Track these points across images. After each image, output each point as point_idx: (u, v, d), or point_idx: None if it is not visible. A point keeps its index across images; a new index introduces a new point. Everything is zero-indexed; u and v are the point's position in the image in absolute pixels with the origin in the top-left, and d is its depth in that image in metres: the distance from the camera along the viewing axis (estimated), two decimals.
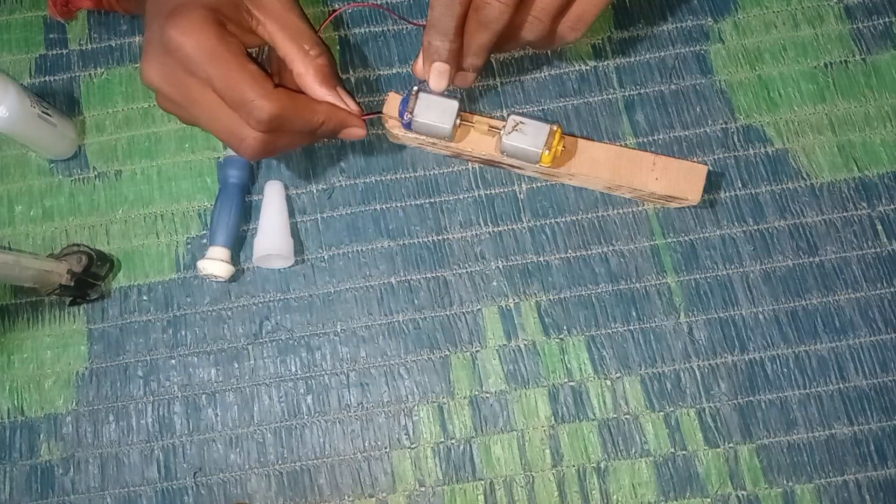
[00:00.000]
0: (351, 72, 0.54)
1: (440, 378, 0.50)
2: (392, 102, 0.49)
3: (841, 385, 0.48)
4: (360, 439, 0.49)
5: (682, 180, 0.48)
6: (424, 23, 0.44)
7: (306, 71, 0.43)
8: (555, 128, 0.47)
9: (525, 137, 0.47)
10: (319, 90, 0.43)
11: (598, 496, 0.47)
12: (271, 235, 0.50)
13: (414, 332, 0.50)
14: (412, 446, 0.49)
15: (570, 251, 0.51)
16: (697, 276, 0.50)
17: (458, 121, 0.48)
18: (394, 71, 0.54)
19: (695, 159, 0.51)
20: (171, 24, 0.39)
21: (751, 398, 0.48)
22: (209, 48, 0.39)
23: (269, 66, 0.45)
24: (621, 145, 0.49)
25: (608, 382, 0.49)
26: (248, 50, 0.42)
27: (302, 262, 0.51)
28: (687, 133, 0.52)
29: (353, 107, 0.45)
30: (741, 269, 0.50)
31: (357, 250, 0.52)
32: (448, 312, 0.50)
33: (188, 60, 0.39)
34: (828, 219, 0.51)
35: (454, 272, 0.51)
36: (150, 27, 0.41)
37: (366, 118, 0.46)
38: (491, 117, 0.50)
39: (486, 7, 0.42)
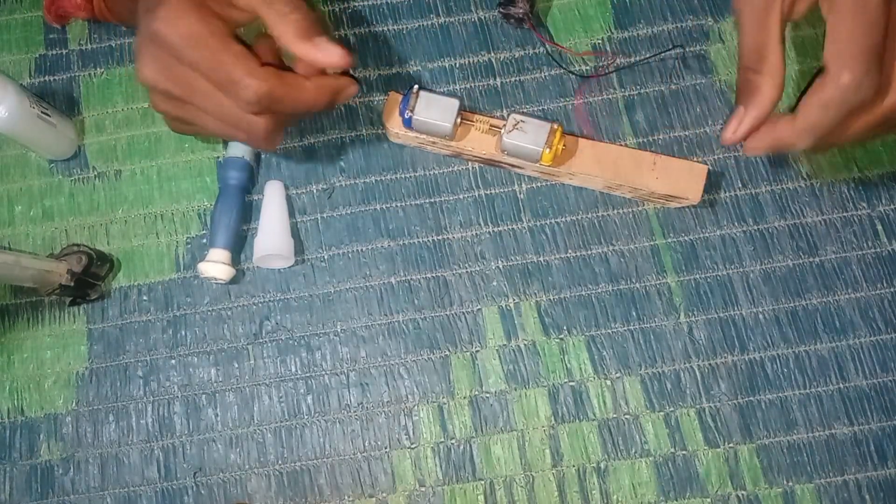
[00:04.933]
0: (351, 71, 0.54)
1: (440, 378, 0.50)
2: (392, 101, 0.49)
3: (841, 385, 0.48)
4: (360, 439, 0.49)
5: (683, 180, 0.48)
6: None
7: (284, 31, 0.41)
8: (555, 126, 0.47)
9: (526, 136, 0.47)
10: (297, 46, 0.41)
11: (598, 496, 0.47)
12: (271, 235, 0.50)
13: (414, 332, 0.50)
14: (412, 446, 0.49)
15: (570, 251, 0.51)
16: (697, 276, 0.50)
17: (458, 119, 0.48)
18: (394, 71, 0.54)
19: (695, 159, 0.51)
20: (153, 16, 0.39)
21: (751, 398, 0.48)
22: (191, 32, 0.39)
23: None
24: (621, 145, 0.49)
25: (608, 382, 0.49)
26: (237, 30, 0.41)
27: (302, 262, 0.51)
28: (687, 133, 0.52)
29: (334, 53, 0.42)
30: (741, 269, 0.50)
31: (357, 250, 0.52)
32: (448, 312, 0.50)
33: (174, 48, 0.39)
34: (828, 219, 0.51)
35: (454, 272, 0.51)
36: (139, 27, 0.41)
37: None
38: (491, 117, 0.50)
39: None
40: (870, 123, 0.41)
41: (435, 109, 0.47)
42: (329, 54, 0.42)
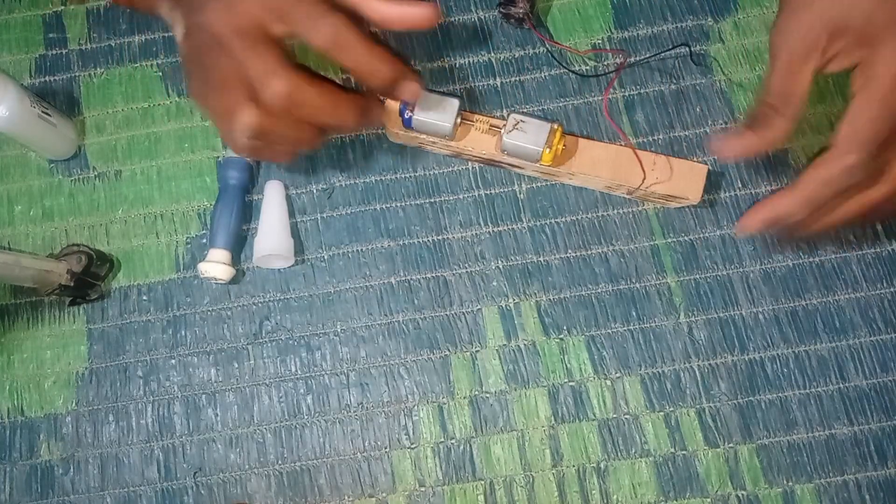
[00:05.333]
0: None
1: (440, 378, 0.50)
2: (392, 102, 0.49)
3: (841, 385, 0.48)
4: (360, 439, 0.49)
5: (683, 180, 0.48)
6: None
7: None
8: (556, 126, 0.47)
9: (526, 136, 0.47)
10: (379, 5, 0.42)
11: (598, 496, 0.47)
12: (271, 235, 0.50)
13: (414, 332, 0.50)
14: (412, 446, 0.49)
15: (570, 251, 0.51)
16: (697, 276, 0.50)
17: (458, 119, 0.48)
18: None
19: (695, 159, 0.51)
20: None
21: (751, 398, 0.48)
22: (238, 24, 0.39)
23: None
24: (621, 145, 0.49)
25: (608, 382, 0.49)
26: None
27: (302, 262, 0.51)
28: (687, 133, 0.52)
29: (420, 10, 0.42)
30: (741, 269, 0.50)
31: (357, 250, 0.52)
32: (448, 312, 0.50)
33: (220, 35, 0.39)
34: None
35: (454, 272, 0.51)
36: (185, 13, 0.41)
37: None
38: (491, 117, 0.50)
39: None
40: (861, 207, 0.43)
41: (435, 109, 0.47)
42: (415, 11, 0.42)
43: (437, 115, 0.47)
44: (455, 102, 0.47)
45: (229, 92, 0.40)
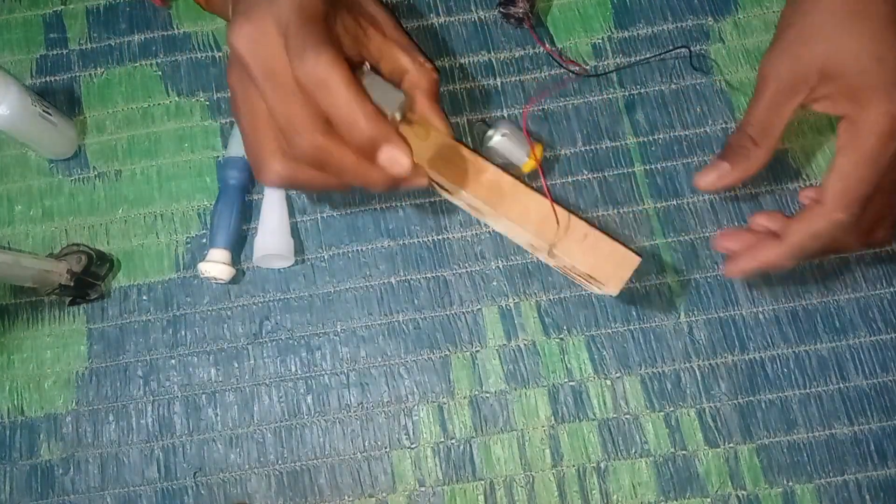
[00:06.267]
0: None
1: (440, 378, 0.50)
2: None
3: (841, 385, 0.48)
4: (360, 439, 0.49)
5: (609, 264, 0.45)
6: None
7: (419, 81, 0.44)
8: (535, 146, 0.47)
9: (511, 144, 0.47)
10: (427, 102, 0.44)
11: (598, 496, 0.47)
12: (271, 235, 0.50)
13: (414, 332, 0.50)
14: (412, 446, 0.49)
15: None
16: (697, 276, 0.50)
17: (399, 115, 0.44)
18: None
19: (694, 159, 0.51)
20: (296, 23, 0.38)
21: (751, 398, 0.48)
22: (315, 36, 0.38)
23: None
24: (570, 211, 0.46)
25: (608, 382, 0.49)
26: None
27: (302, 262, 0.51)
28: (687, 133, 0.52)
29: (445, 124, 0.45)
30: None
31: (357, 250, 0.52)
32: (448, 312, 0.50)
33: (296, 53, 0.37)
34: None
35: (454, 272, 0.51)
36: None
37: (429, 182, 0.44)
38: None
39: None
40: (847, 251, 0.45)
41: (377, 93, 0.41)
42: (443, 123, 0.45)
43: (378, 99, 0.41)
44: (400, 96, 0.43)
45: (259, 138, 0.40)
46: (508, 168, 0.48)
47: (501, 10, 0.53)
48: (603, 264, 0.45)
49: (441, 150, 0.46)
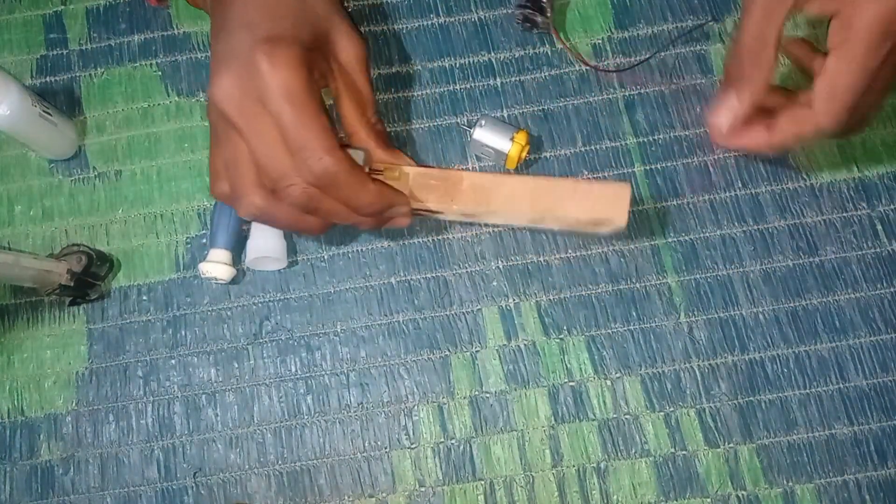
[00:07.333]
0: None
1: (440, 378, 0.50)
2: None
3: (841, 385, 0.48)
4: (360, 439, 0.49)
5: (605, 201, 0.46)
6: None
7: (367, 140, 0.46)
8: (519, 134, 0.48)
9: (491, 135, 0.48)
10: (385, 152, 0.46)
11: (598, 496, 0.47)
12: (263, 238, 0.50)
13: (414, 332, 0.50)
14: (412, 446, 0.49)
15: (570, 251, 0.51)
16: (697, 276, 0.50)
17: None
18: (394, 70, 0.54)
19: (694, 159, 0.51)
20: (266, 52, 0.38)
21: (751, 398, 0.48)
22: (295, 89, 0.39)
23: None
24: (546, 176, 0.48)
25: (608, 382, 0.49)
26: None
27: (302, 263, 0.51)
28: (687, 133, 0.52)
29: (407, 162, 0.47)
30: (741, 269, 0.50)
31: (357, 250, 0.52)
32: (448, 312, 0.50)
33: (269, 92, 0.38)
34: (828, 219, 0.51)
35: (454, 272, 0.51)
36: (233, 40, 0.40)
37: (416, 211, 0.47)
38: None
39: None
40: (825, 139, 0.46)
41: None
42: (405, 158, 0.48)
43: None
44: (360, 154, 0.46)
45: (241, 172, 0.41)
46: (498, 160, 0.49)
47: (522, 11, 0.52)
48: (601, 205, 0.46)
49: (415, 180, 0.47)
